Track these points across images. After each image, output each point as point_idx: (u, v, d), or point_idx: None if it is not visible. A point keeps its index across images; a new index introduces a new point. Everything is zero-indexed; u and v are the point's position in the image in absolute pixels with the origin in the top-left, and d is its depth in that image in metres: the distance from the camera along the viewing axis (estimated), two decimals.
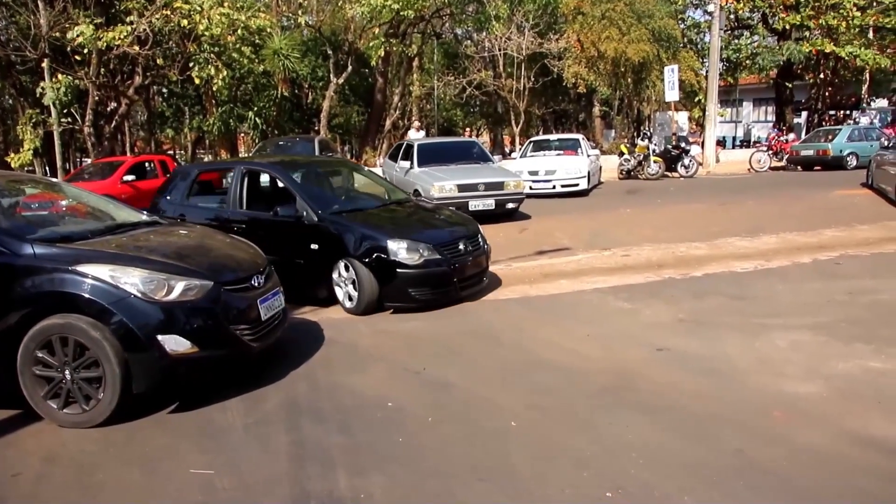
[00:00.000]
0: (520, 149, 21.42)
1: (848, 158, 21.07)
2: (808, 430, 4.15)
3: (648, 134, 23.18)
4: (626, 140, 27.93)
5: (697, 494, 3.47)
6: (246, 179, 8.15)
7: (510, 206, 13.19)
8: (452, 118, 37.84)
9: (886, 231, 10.90)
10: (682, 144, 21.53)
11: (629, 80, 27.22)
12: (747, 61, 30.34)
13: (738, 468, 3.71)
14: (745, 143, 35.33)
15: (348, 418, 4.54)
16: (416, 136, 22.21)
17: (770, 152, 23.88)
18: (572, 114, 37.78)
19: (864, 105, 30.89)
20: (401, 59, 28.06)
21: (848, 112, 31.76)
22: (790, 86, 32.41)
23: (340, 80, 26.24)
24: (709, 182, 19.73)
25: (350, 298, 7.17)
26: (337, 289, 7.30)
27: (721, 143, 30.70)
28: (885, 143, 18.89)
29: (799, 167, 22.51)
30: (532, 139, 21.43)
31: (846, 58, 27.43)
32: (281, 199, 7.85)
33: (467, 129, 40.16)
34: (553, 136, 21.54)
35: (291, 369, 5.47)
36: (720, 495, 3.47)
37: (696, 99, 27.88)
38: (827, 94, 31.41)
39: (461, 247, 7.39)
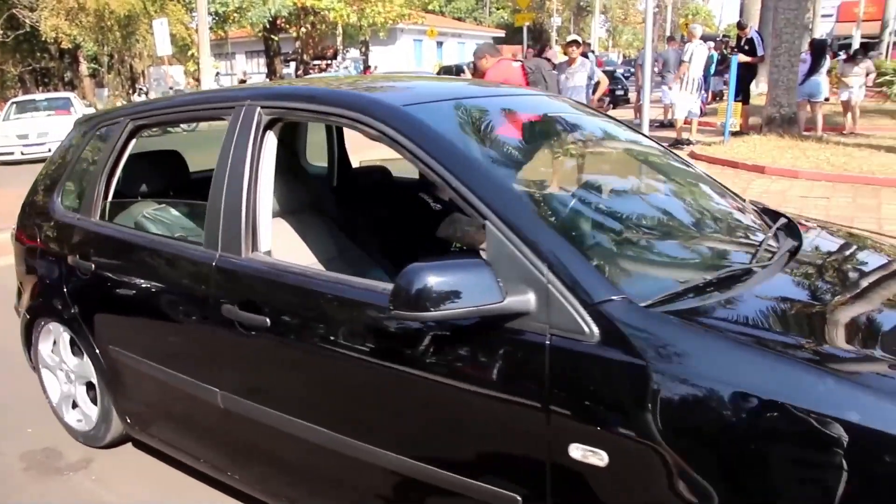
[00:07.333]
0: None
1: None
2: None
3: (145, 90, 22.78)
4: (121, 98, 26.80)
5: None
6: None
7: None
8: None
9: None
10: None
11: (117, 34, 26.00)
12: (235, 14, 31.31)
13: None
14: None
15: None
16: None
17: None
18: (56, 72, 34.62)
19: (342, 56, 34.58)
20: None
21: (329, 62, 35.19)
22: (277, 39, 34.57)
23: None
24: None
25: None
26: None
27: None
28: None
29: None
30: (14, 100, 19.38)
31: (323, 11, 30.25)
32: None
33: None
34: (39, 96, 19.86)
35: None
36: None
37: (190, 52, 27.97)
38: (309, 45, 34.27)
39: None
